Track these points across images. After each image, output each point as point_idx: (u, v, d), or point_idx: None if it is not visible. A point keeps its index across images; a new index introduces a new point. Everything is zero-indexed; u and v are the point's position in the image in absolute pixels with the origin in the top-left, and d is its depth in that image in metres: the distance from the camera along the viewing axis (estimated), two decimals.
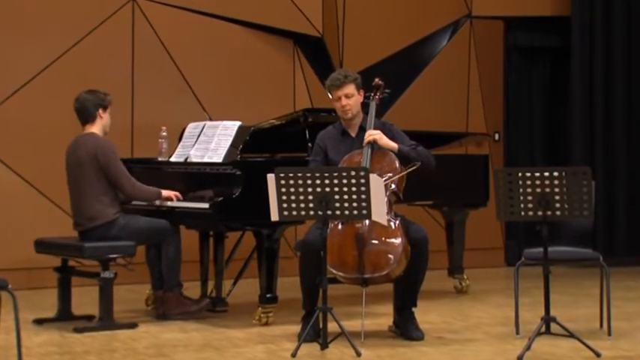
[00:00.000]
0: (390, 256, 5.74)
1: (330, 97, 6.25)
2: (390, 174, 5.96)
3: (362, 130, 6.14)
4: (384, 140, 6.03)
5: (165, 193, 6.74)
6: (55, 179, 7.47)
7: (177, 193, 6.75)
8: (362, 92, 6.20)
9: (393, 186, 5.95)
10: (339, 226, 5.84)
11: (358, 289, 5.92)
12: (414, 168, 5.96)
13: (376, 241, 5.78)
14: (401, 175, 5.96)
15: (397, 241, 5.77)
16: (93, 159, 6.56)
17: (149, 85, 8.85)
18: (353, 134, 6.21)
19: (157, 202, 6.78)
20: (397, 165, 5.99)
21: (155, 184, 6.85)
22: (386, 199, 5.79)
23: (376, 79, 6.33)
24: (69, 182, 6.73)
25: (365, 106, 6.23)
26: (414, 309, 6.09)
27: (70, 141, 6.78)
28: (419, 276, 5.99)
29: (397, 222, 5.83)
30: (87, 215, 6.58)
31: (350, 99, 6.13)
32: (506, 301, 7.33)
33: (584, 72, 10.13)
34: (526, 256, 6.14)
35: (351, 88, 6.12)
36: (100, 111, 6.69)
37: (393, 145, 6.04)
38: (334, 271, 5.74)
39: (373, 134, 6.01)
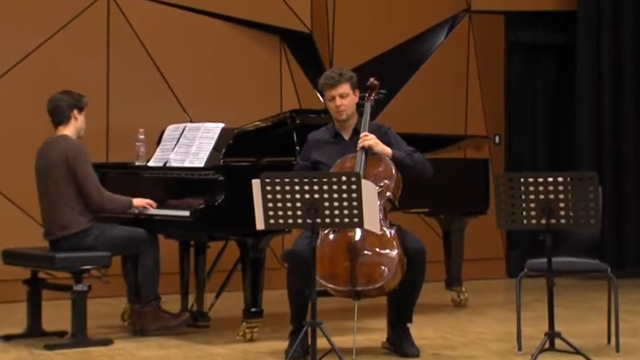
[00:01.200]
0: (385, 267, 5.75)
1: (323, 96, 6.27)
2: (386, 180, 5.98)
3: (356, 132, 6.16)
4: (380, 146, 6.04)
5: (136, 202, 6.73)
6: (24, 185, 7.46)
7: (150, 201, 6.74)
8: (357, 92, 6.21)
9: (388, 193, 5.97)
10: (330, 236, 5.85)
11: (350, 303, 5.92)
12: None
13: (370, 252, 5.79)
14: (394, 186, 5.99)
15: (392, 251, 5.78)
16: (64, 162, 6.55)
17: (125, 85, 8.85)
18: (346, 137, 6.23)
19: (134, 211, 6.76)
20: (393, 171, 6.00)
21: (132, 191, 6.85)
22: (381, 206, 5.81)
23: (371, 79, 6.34)
24: (39, 188, 6.72)
25: (359, 107, 6.24)
26: (409, 324, 6.11)
27: (41, 144, 6.78)
28: (415, 289, 6.01)
29: (392, 231, 5.85)
30: (59, 223, 6.57)
31: (345, 99, 6.14)
32: (508, 316, 7.34)
33: (591, 70, 10.16)
34: (529, 267, 6.16)
35: (346, 88, 6.14)
36: (75, 112, 6.69)
37: (388, 151, 6.06)
38: (324, 283, 5.74)
39: (368, 139, 6.02)
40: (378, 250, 5.80)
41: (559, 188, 5.50)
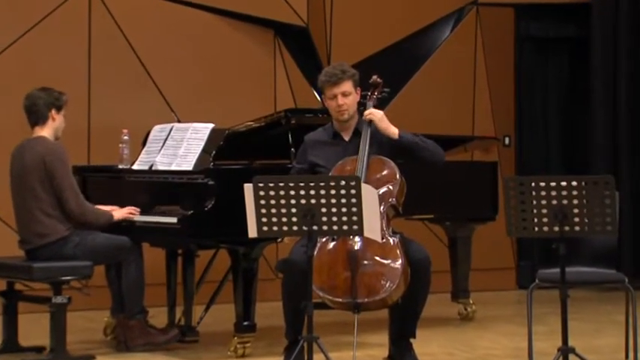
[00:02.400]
0: (387, 278, 5.75)
1: (321, 94, 6.27)
2: (390, 185, 5.97)
3: (357, 133, 6.16)
4: (385, 123, 6.07)
5: (117, 215, 6.70)
6: None
7: (131, 209, 6.72)
8: (359, 90, 6.22)
9: (391, 199, 5.96)
10: (330, 244, 5.84)
11: (349, 316, 5.92)
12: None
13: (371, 262, 5.79)
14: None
15: (395, 261, 5.78)
16: (40, 166, 6.53)
17: (108, 82, 8.85)
18: (346, 138, 6.23)
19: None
20: (397, 176, 6.00)
21: (115, 196, 6.86)
22: (383, 213, 5.80)
23: (374, 77, 6.35)
24: (13, 193, 6.71)
25: (360, 107, 6.24)
26: (412, 339, 6.10)
27: (16, 146, 6.76)
28: (419, 302, 6.01)
29: (395, 240, 5.84)
30: (35, 231, 6.56)
31: (347, 98, 6.14)
32: (518, 330, 7.35)
33: (606, 66, 10.16)
34: (541, 278, 6.16)
35: (348, 86, 6.15)
36: (53, 112, 6.67)
37: (393, 130, 6.08)
38: (322, 295, 5.75)
39: (374, 113, 6.04)
40: (379, 259, 5.80)
41: (573, 193, 5.49)
